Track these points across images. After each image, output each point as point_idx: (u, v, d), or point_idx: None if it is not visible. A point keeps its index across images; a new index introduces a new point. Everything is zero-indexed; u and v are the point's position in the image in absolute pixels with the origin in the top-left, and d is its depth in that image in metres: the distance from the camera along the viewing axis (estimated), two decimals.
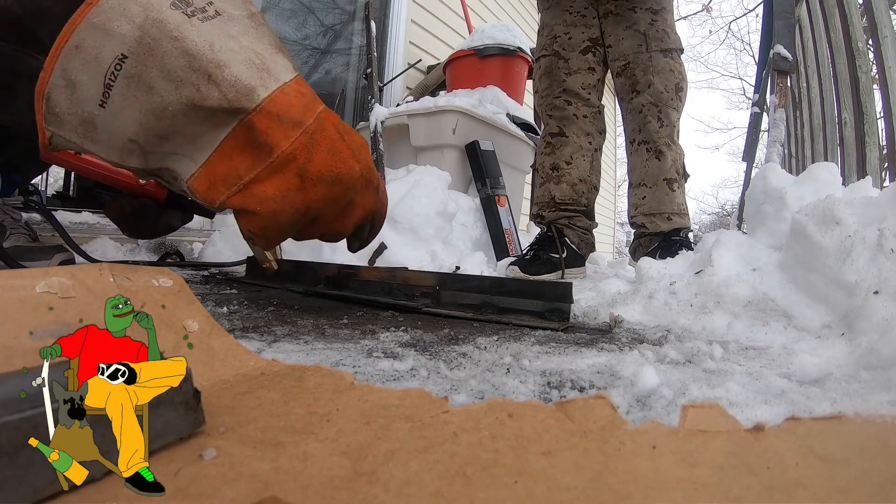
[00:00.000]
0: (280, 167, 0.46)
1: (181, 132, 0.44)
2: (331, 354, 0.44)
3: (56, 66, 0.40)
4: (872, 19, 1.57)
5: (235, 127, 0.44)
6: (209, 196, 0.46)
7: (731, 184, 14.92)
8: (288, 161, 0.46)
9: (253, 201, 0.46)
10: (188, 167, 0.46)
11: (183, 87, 0.41)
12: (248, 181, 0.45)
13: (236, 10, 0.47)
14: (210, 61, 0.42)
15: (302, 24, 2.63)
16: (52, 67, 0.40)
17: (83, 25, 0.39)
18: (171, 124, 0.43)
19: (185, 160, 0.46)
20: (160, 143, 0.44)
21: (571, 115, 1.37)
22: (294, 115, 0.46)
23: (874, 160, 1.63)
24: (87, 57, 0.40)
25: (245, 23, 0.47)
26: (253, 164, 0.45)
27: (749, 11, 9.71)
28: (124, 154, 0.44)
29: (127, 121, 0.42)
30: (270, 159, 0.45)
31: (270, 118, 0.45)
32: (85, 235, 1.26)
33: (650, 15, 1.31)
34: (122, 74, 0.40)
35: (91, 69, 0.40)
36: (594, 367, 0.43)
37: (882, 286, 0.49)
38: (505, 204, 1.74)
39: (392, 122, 1.81)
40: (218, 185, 0.46)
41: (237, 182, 0.45)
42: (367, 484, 0.19)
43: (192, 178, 0.46)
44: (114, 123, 0.42)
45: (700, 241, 0.86)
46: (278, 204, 0.46)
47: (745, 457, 0.21)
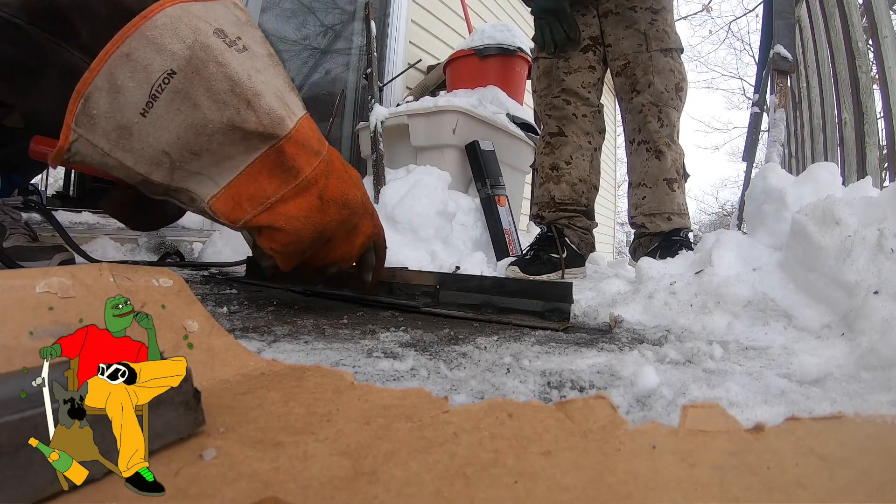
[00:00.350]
0: (304, 189, 0.50)
1: (213, 151, 0.46)
2: (331, 354, 0.44)
3: (103, 69, 0.41)
4: (872, 19, 1.57)
5: (266, 151, 0.48)
6: (234, 215, 0.49)
7: (731, 184, 14.92)
8: (311, 185, 0.51)
9: (279, 219, 0.49)
10: (209, 189, 0.48)
11: (225, 109, 0.45)
12: (276, 201, 0.49)
13: (259, 48, 0.51)
14: (249, 89, 0.46)
15: (302, 24, 2.63)
16: (98, 69, 0.41)
17: (136, 36, 0.42)
18: (207, 142, 0.45)
19: (208, 182, 0.48)
20: (190, 160, 0.46)
21: (571, 114, 1.37)
22: (313, 145, 0.52)
23: (874, 160, 1.63)
24: (137, 66, 0.42)
25: (266, 60, 0.51)
26: (281, 185, 0.49)
27: (749, 11, 9.71)
28: (152, 166, 0.45)
29: (165, 132, 0.44)
30: (296, 182, 0.49)
31: (297, 146, 0.50)
32: (85, 235, 1.26)
33: (650, 14, 1.31)
34: (168, 88, 0.43)
35: (139, 78, 0.42)
36: (594, 367, 0.43)
37: (882, 286, 0.49)
38: (505, 204, 1.74)
39: (392, 122, 1.81)
40: (244, 205, 0.49)
41: (265, 201, 0.49)
42: (367, 484, 0.19)
43: (213, 198, 0.49)
44: (152, 133, 0.43)
45: (700, 241, 0.86)
46: (302, 223, 0.50)
47: (745, 457, 0.21)
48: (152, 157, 0.45)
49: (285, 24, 2.53)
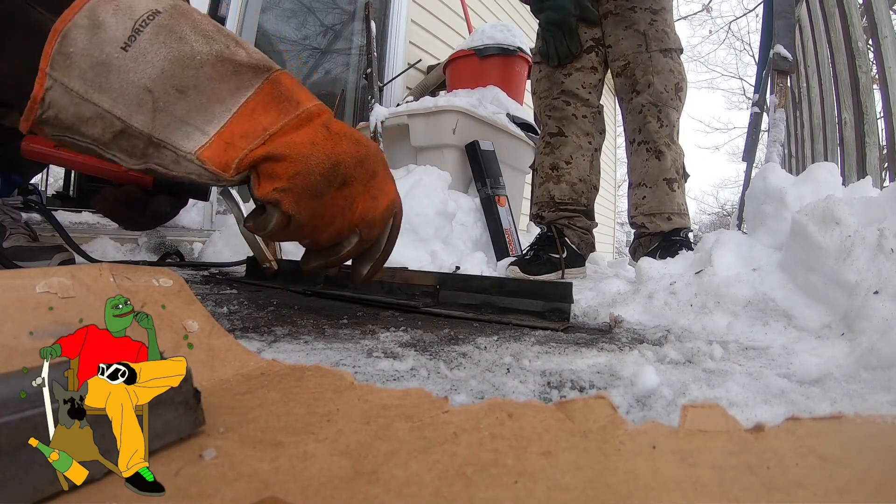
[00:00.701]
0: (307, 119, 0.45)
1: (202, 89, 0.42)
2: (331, 354, 0.44)
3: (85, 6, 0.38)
4: (872, 19, 1.57)
5: (261, 85, 0.44)
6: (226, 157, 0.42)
7: (731, 184, 14.93)
8: (313, 115, 0.45)
9: (281, 147, 0.43)
10: (196, 140, 0.42)
11: (213, 42, 0.42)
12: (274, 132, 0.43)
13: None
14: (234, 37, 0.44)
15: (302, 24, 2.63)
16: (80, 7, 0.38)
17: None
18: (195, 75, 0.41)
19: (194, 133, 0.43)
20: (175, 101, 0.41)
21: (570, 115, 1.37)
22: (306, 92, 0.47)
23: (874, 160, 1.63)
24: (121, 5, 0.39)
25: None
26: (279, 116, 0.44)
27: (749, 11, 9.71)
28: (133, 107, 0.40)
29: (149, 66, 0.40)
30: (297, 112, 0.44)
31: (293, 81, 0.46)
32: (85, 235, 1.26)
33: (650, 15, 1.31)
34: (153, 23, 0.40)
35: (122, 14, 0.39)
36: (594, 367, 0.43)
37: (882, 286, 0.49)
38: (505, 204, 1.75)
39: (392, 122, 1.81)
40: (237, 143, 0.43)
41: (262, 134, 0.43)
42: (367, 484, 0.19)
43: (201, 148, 0.42)
44: (133, 68, 0.39)
45: (700, 241, 0.86)
46: (308, 149, 0.44)
47: (745, 457, 0.21)
48: (133, 95, 0.40)
49: (285, 24, 2.53)
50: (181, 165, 0.43)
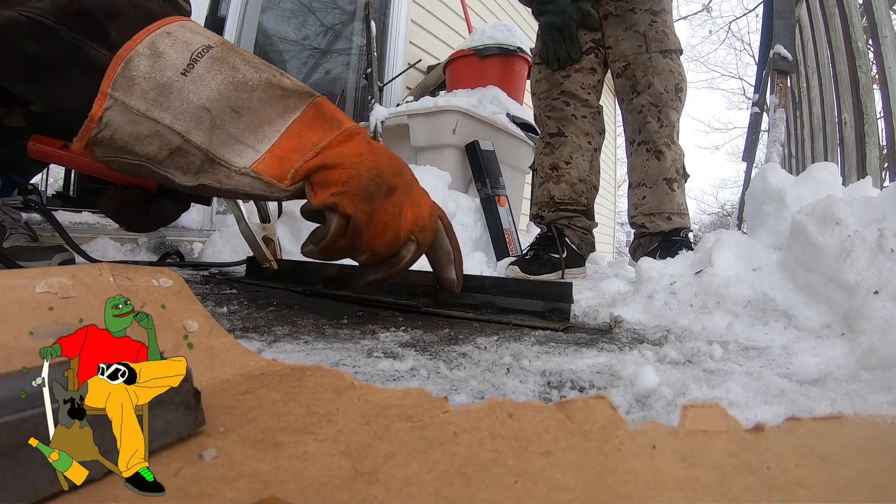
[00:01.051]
0: (349, 136, 0.50)
1: (254, 110, 0.46)
2: (331, 354, 0.44)
3: (146, 39, 0.43)
4: (872, 19, 1.57)
5: (306, 108, 0.49)
6: (281, 169, 0.47)
7: (731, 184, 14.93)
8: (354, 133, 0.50)
9: (333, 157, 0.47)
10: (248, 157, 0.47)
11: (262, 72, 0.47)
12: (324, 146, 0.48)
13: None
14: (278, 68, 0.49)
15: (302, 24, 2.63)
16: (141, 39, 0.43)
17: (174, 24, 0.45)
18: (248, 98, 0.46)
19: (247, 150, 0.47)
20: (230, 119, 0.46)
21: (570, 115, 1.37)
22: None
23: (874, 160, 1.63)
24: (178, 40, 0.44)
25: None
26: (325, 133, 0.49)
27: (749, 11, 9.71)
28: (193, 122, 0.44)
29: (206, 88, 0.44)
30: (340, 130, 0.49)
31: (332, 105, 0.51)
32: (85, 235, 1.26)
33: (650, 16, 1.31)
34: (208, 55, 0.45)
35: (180, 46, 0.44)
36: (594, 367, 0.43)
37: (882, 286, 0.49)
38: (505, 204, 1.75)
39: (392, 122, 1.81)
40: (291, 156, 0.47)
41: (312, 148, 0.48)
42: (367, 484, 0.19)
43: (255, 163, 0.46)
44: (192, 90, 0.44)
45: (700, 241, 0.86)
46: (357, 158, 0.48)
47: (745, 457, 0.21)
48: (193, 113, 0.45)
49: (285, 24, 2.53)
50: (234, 180, 0.47)
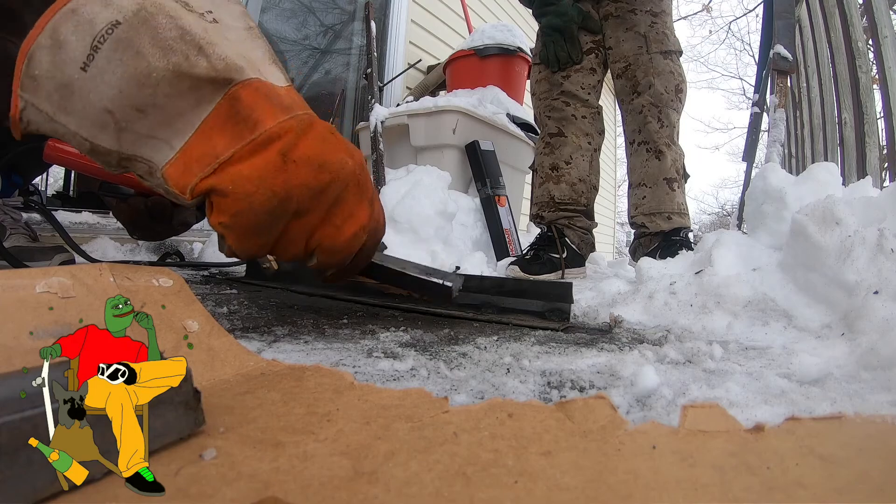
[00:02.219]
0: (261, 146, 0.42)
1: (161, 106, 0.41)
2: (331, 354, 0.44)
3: (47, 26, 0.38)
4: (872, 19, 1.57)
5: (219, 101, 0.42)
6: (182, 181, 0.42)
7: (731, 184, 14.93)
8: (272, 139, 0.42)
9: (226, 181, 0.41)
10: (164, 154, 0.42)
11: (171, 54, 0.40)
12: (224, 160, 0.41)
13: (234, 21, 0.46)
14: (202, 38, 0.41)
15: (302, 24, 2.63)
16: (43, 26, 0.38)
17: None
18: (152, 94, 0.40)
19: (163, 146, 0.42)
20: (136, 119, 0.41)
21: (570, 115, 1.37)
22: (284, 101, 0.44)
23: (874, 160, 1.63)
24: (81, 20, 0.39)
25: (242, 33, 0.46)
26: (232, 140, 0.42)
27: (749, 11, 9.71)
28: (96, 128, 0.40)
29: (106, 86, 0.39)
30: (252, 136, 0.42)
31: (258, 94, 0.42)
32: (85, 235, 1.26)
33: (650, 17, 1.31)
34: (111, 38, 0.39)
35: (82, 30, 0.39)
36: (594, 367, 0.43)
37: (882, 286, 0.49)
38: (505, 204, 1.75)
39: (392, 122, 1.81)
40: (192, 167, 0.41)
41: (213, 161, 0.41)
42: (367, 484, 0.19)
43: (167, 164, 0.42)
44: (92, 89, 0.39)
45: (700, 241, 0.86)
46: (254, 185, 0.41)
47: (745, 457, 0.21)
48: (95, 117, 0.40)
49: (285, 24, 2.53)
50: (154, 177, 0.43)
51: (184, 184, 0.42)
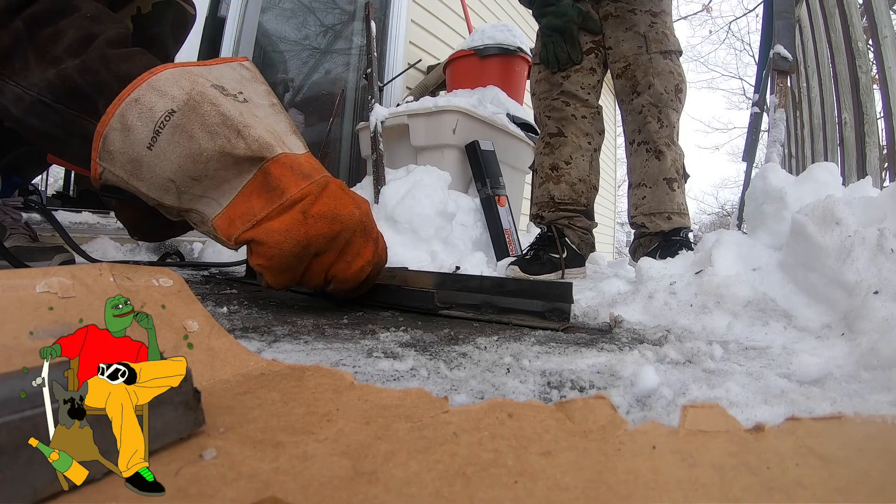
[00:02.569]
0: (288, 207, 0.54)
1: (211, 176, 0.53)
2: (331, 354, 0.44)
3: (116, 112, 0.49)
4: (872, 19, 1.57)
5: (256, 173, 0.54)
6: (228, 231, 0.54)
7: (731, 184, 14.94)
8: (295, 202, 0.54)
9: (262, 233, 0.53)
10: (214, 209, 0.55)
11: (217, 138, 0.51)
12: (261, 218, 0.53)
13: (261, 99, 0.59)
14: (239, 122, 0.53)
15: (302, 24, 2.63)
16: (112, 113, 0.49)
17: (143, 86, 0.50)
18: (204, 168, 0.52)
19: (213, 203, 0.55)
20: (192, 185, 0.53)
21: (570, 115, 1.37)
22: (304, 169, 0.55)
23: (874, 160, 1.63)
24: (143, 109, 0.50)
25: (267, 110, 0.59)
26: (266, 204, 0.54)
27: (749, 11, 9.72)
28: (162, 191, 0.53)
29: (168, 162, 0.51)
30: (281, 201, 0.53)
31: (284, 168, 0.54)
32: (85, 235, 1.26)
33: (650, 17, 1.31)
34: (169, 124, 0.50)
35: (145, 118, 0.50)
36: (594, 367, 0.43)
37: (882, 286, 0.49)
38: (505, 204, 1.75)
39: (392, 122, 1.81)
40: (236, 222, 0.54)
41: (252, 219, 0.54)
42: (367, 484, 0.19)
43: (216, 217, 0.55)
44: (157, 164, 0.51)
45: (700, 241, 0.86)
46: (282, 236, 0.53)
47: (745, 457, 0.21)
48: (161, 184, 0.52)
49: (285, 24, 2.53)
50: (206, 225, 0.56)
51: (229, 234, 0.54)
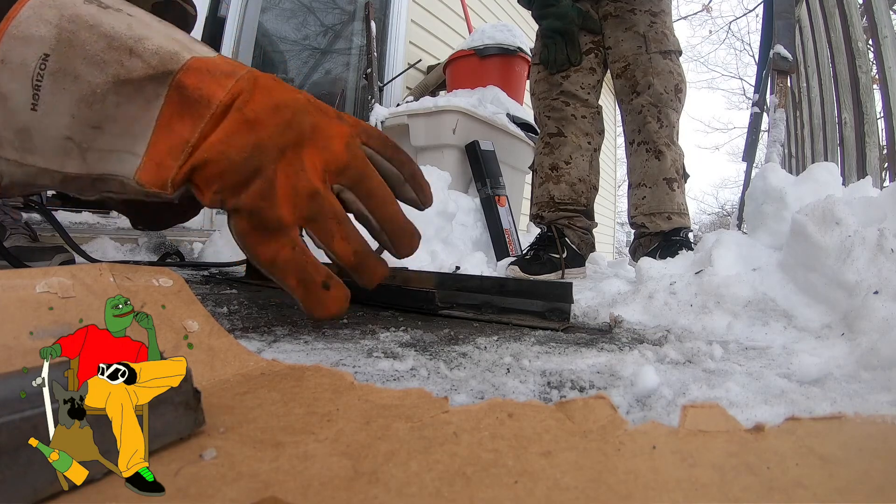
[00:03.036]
0: (221, 116, 0.44)
1: (114, 117, 0.42)
2: (331, 354, 0.44)
3: None
4: (872, 19, 1.57)
5: (168, 94, 0.43)
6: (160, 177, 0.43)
7: (731, 184, 14.94)
8: (228, 107, 0.44)
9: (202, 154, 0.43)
10: (132, 163, 0.43)
11: (107, 67, 0.41)
12: (195, 142, 0.43)
13: (148, 16, 0.47)
14: (129, 37, 0.42)
15: (302, 24, 2.63)
16: None
17: (5, 40, 0.40)
18: (101, 108, 0.42)
19: (127, 157, 0.43)
20: (96, 137, 0.42)
21: (570, 115, 1.37)
22: (224, 68, 0.45)
23: (874, 160, 1.63)
24: (14, 66, 0.40)
25: (159, 23, 0.47)
26: (193, 124, 0.43)
27: (749, 11, 9.72)
28: (62, 157, 0.42)
29: (59, 116, 0.41)
30: (210, 111, 0.43)
31: (200, 73, 0.44)
32: (85, 235, 1.26)
33: (649, 17, 1.31)
34: (47, 73, 0.40)
35: (19, 76, 0.40)
36: (594, 367, 0.43)
37: (882, 286, 0.49)
38: (505, 204, 1.75)
39: (392, 122, 1.81)
40: (166, 162, 0.43)
41: (184, 147, 0.43)
42: (367, 484, 0.19)
43: (138, 171, 0.43)
44: (47, 123, 0.41)
45: (700, 241, 0.86)
46: (224, 144, 0.43)
47: (745, 457, 0.21)
48: (58, 147, 0.42)
49: (285, 24, 2.53)
50: (129, 187, 0.44)
51: (163, 179, 0.43)
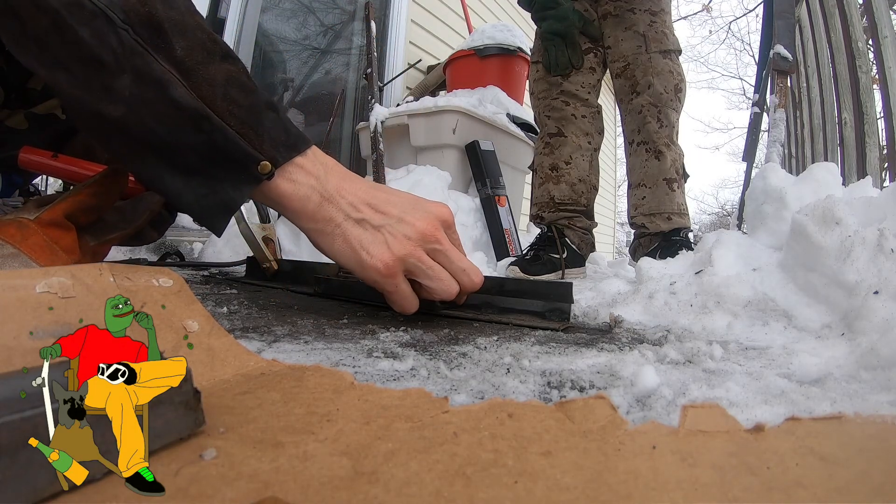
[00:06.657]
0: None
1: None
2: (331, 354, 0.44)
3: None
4: (872, 19, 1.57)
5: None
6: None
7: (731, 184, 14.96)
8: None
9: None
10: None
11: None
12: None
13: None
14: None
15: (302, 24, 2.63)
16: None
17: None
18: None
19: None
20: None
21: (570, 115, 1.37)
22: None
23: (874, 160, 1.63)
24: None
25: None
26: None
27: (749, 11, 9.73)
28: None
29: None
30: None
31: None
32: None
33: (649, 16, 1.31)
34: None
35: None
36: (594, 367, 0.43)
37: (882, 286, 0.49)
38: (505, 204, 1.75)
39: (392, 122, 1.81)
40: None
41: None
42: (367, 484, 0.19)
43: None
44: None
45: (700, 241, 0.86)
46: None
47: (745, 457, 0.21)
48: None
49: (285, 24, 2.53)
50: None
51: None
